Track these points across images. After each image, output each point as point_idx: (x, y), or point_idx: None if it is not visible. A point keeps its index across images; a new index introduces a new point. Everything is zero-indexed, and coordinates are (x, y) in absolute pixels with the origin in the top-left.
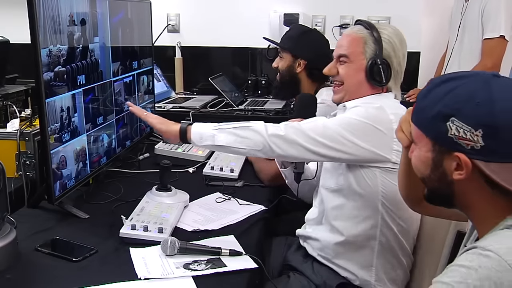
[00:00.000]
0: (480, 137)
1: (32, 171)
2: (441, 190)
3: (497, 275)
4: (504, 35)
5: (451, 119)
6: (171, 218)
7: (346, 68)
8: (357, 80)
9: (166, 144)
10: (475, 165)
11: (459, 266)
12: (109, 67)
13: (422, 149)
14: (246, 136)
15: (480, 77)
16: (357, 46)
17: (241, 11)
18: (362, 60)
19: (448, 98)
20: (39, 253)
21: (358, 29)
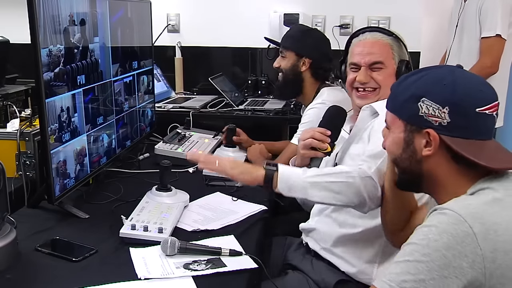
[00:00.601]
0: (447, 114)
1: (32, 171)
2: (411, 169)
3: (453, 227)
4: (500, 34)
5: (422, 99)
6: (171, 218)
7: (383, 74)
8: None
9: (166, 144)
10: (442, 140)
11: (422, 226)
12: (109, 67)
13: (395, 131)
14: (341, 192)
15: (446, 68)
16: (387, 52)
17: (241, 11)
18: (394, 65)
19: (420, 82)
20: (39, 253)
21: (381, 36)
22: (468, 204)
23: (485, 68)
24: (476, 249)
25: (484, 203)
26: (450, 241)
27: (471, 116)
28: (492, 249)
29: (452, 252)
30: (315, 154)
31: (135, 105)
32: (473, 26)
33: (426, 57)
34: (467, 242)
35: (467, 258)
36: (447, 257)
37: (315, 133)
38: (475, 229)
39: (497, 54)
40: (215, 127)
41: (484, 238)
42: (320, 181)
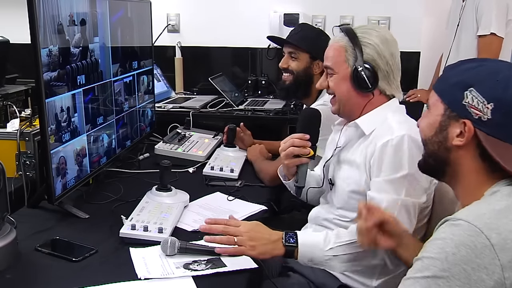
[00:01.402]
0: (490, 110)
1: (32, 171)
2: (438, 154)
3: (470, 239)
4: (495, 32)
5: (470, 88)
6: (171, 218)
7: (334, 79)
8: (345, 90)
9: (166, 144)
10: (476, 135)
11: (435, 239)
12: (109, 67)
13: (433, 113)
14: (362, 260)
15: (508, 62)
16: (339, 55)
17: (241, 11)
18: (346, 69)
19: (474, 71)
20: (39, 253)
21: (339, 37)
22: (483, 214)
23: None
24: (495, 260)
25: (497, 211)
26: (468, 254)
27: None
28: (510, 259)
29: (471, 266)
30: (299, 161)
31: (135, 105)
32: (470, 24)
33: (426, 57)
34: (485, 254)
35: (486, 270)
36: (466, 271)
37: (294, 141)
38: (493, 240)
39: (495, 52)
40: (215, 127)
41: (502, 248)
42: (340, 254)
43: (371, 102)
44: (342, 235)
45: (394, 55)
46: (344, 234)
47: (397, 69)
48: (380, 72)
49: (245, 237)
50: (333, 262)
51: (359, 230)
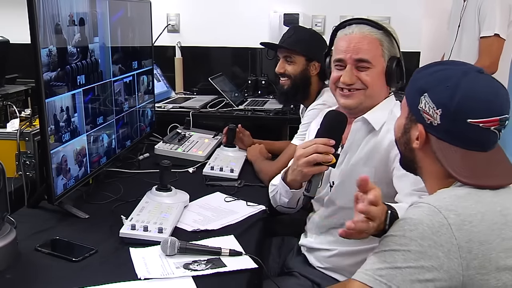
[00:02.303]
0: (439, 115)
1: (32, 171)
2: (405, 154)
3: (428, 218)
4: (498, 34)
5: (424, 94)
6: (171, 218)
7: (371, 74)
8: (380, 85)
9: (166, 144)
10: (429, 139)
11: (398, 220)
12: (109, 67)
13: (402, 115)
14: None
15: (466, 67)
16: (376, 49)
17: (241, 11)
18: (383, 63)
19: (432, 77)
20: (39, 253)
21: (370, 29)
22: (443, 198)
23: (484, 68)
24: (451, 239)
25: (458, 196)
26: (425, 231)
27: (460, 125)
28: (467, 239)
29: (427, 242)
30: (319, 170)
31: (135, 105)
32: (472, 26)
33: (426, 57)
34: (442, 232)
35: (442, 248)
36: (422, 246)
37: (318, 146)
38: (450, 220)
39: (496, 53)
40: (215, 127)
41: (459, 229)
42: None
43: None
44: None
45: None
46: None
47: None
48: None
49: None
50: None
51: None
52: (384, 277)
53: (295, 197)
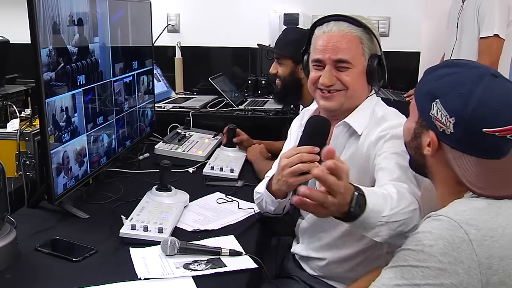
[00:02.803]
0: (452, 124)
1: (32, 171)
2: (416, 158)
3: (448, 233)
4: (498, 34)
5: (436, 100)
6: (171, 218)
7: (351, 74)
8: (361, 85)
9: (166, 144)
10: (442, 147)
11: (415, 233)
12: (109, 67)
13: (411, 118)
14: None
15: (479, 71)
16: (356, 48)
17: (241, 11)
18: (363, 62)
19: (442, 81)
20: (39, 253)
21: (349, 27)
22: (463, 211)
23: None
24: (472, 255)
25: (478, 209)
26: (445, 247)
27: (475, 135)
28: (487, 255)
29: (448, 259)
30: (305, 179)
31: (135, 105)
32: (471, 26)
33: (426, 57)
34: (462, 248)
35: (462, 264)
36: (442, 263)
37: (303, 156)
38: (471, 236)
39: (496, 54)
40: (215, 127)
41: (480, 244)
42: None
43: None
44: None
45: None
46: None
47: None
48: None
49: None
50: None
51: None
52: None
53: (281, 205)
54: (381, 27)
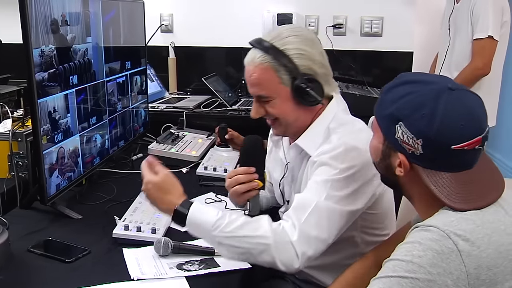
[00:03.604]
0: (420, 145)
1: (24, 172)
2: (388, 177)
3: (437, 244)
4: (492, 35)
5: (399, 123)
6: (164, 219)
7: (273, 105)
8: (291, 111)
9: (159, 145)
10: (414, 168)
11: (404, 243)
12: (102, 67)
13: (376, 139)
14: (249, 256)
15: (436, 86)
16: (271, 80)
17: (235, 11)
18: (284, 89)
19: (402, 102)
20: (31, 254)
21: (261, 56)
22: (451, 221)
23: (477, 70)
24: (461, 266)
25: (465, 219)
26: (435, 257)
27: (444, 153)
28: (476, 266)
29: (437, 270)
30: (249, 196)
31: (128, 105)
32: (464, 27)
33: (419, 57)
34: (451, 259)
35: (451, 275)
36: (432, 274)
37: (239, 177)
38: (460, 246)
39: (489, 55)
40: (209, 127)
41: (468, 255)
42: (227, 244)
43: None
44: (233, 224)
45: (322, 53)
46: (236, 225)
47: (328, 67)
48: (320, 78)
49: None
50: (220, 248)
51: None
52: None
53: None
54: (374, 27)
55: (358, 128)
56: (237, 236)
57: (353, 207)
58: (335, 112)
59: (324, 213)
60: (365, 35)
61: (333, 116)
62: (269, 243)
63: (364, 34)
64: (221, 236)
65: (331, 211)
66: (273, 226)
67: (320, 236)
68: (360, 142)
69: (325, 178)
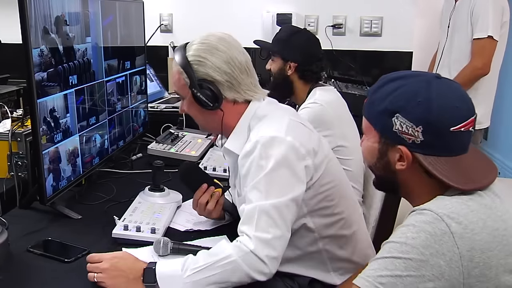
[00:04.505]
0: (420, 132)
1: (24, 172)
2: (386, 178)
3: (430, 226)
4: (492, 35)
5: (396, 115)
6: (163, 218)
7: (185, 104)
8: (197, 112)
9: (159, 144)
10: (415, 157)
11: (401, 226)
12: (102, 67)
13: (370, 140)
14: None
15: (423, 77)
16: (179, 80)
17: (234, 11)
18: (188, 91)
19: (394, 95)
20: (31, 254)
21: (175, 61)
22: (445, 205)
23: (477, 70)
24: (453, 248)
25: (460, 203)
26: (428, 239)
27: (445, 136)
28: (469, 248)
29: (429, 251)
30: (219, 205)
31: (127, 105)
32: (464, 27)
33: (418, 57)
34: (444, 241)
35: (444, 257)
36: (424, 255)
37: (201, 200)
38: (452, 228)
39: (488, 55)
40: None
41: (461, 237)
42: (200, 278)
43: (229, 116)
44: (200, 259)
45: (231, 60)
46: (202, 257)
47: (241, 72)
48: (220, 85)
49: (104, 275)
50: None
51: None
52: (385, 285)
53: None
54: (374, 27)
55: (277, 116)
56: (207, 265)
57: (294, 192)
58: (255, 108)
59: (271, 212)
60: (364, 35)
61: (253, 113)
62: (234, 259)
63: (363, 34)
64: (193, 273)
65: (276, 207)
66: (232, 244)
67: (276, 234)
68: (278, 129)
69: (255, 181)
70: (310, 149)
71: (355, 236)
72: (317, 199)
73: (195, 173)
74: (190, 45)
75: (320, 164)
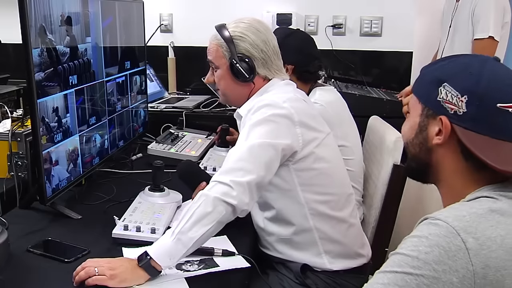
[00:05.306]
0: (464, 103)
1: (24, 172)
2: (419, 156)
3: (445, 240)
4: (493, 36)
5: (444, 84)
6: (163, 219)
7: (217, 74)
8: (227, 83)
9: (159, 145)
10: (454, 132)
11: (412, 236)
12: (102, 67)
13: (413, 115)
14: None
15: (481, 56)
16: (217, 51)
17: (234, 11)
18: (225, 63)
19: (447, 67)
20: (31, 254)
21: (215, 35)
22: (463, 216)
23: None
24: (468, 265)
25: (478, 215)
26: (441, 255)
27: (489, 110)
28: (483, 265)
29: (442, 267)
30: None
31: (127, 105)
32: (465, 27)
33: (419, 57)
34: (458, 257)
35: (457, 273)
36: (437, 272)
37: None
38: (468, 244)
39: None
40: (208, 127)
41: (477, 254)
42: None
43: (255, 89)
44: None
45: (268, 41)
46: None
47: (274, 53)
48: (256, 61)
49: (105, 267)
50: (183, 236)
51: None
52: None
53: None
54: (374, 27)
55: (285, 90)
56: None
57: (275, 140)
58: (273, 83)
59: (244, 150)
60: (364, 35)
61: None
62: (204, 193)
63: (363, 34)
64: (175, 228)
65: (251, 146)
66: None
67: (244, 167)
68: (279, 97)
69: (246, 129)
70: (304, 121)
71: (347, 221)
72: (309, 174)
73: (194, 171)
74: (231, 23)
75: (311, 141)
